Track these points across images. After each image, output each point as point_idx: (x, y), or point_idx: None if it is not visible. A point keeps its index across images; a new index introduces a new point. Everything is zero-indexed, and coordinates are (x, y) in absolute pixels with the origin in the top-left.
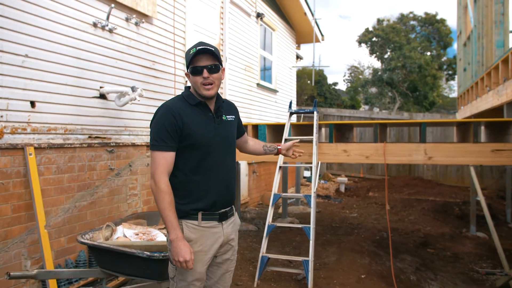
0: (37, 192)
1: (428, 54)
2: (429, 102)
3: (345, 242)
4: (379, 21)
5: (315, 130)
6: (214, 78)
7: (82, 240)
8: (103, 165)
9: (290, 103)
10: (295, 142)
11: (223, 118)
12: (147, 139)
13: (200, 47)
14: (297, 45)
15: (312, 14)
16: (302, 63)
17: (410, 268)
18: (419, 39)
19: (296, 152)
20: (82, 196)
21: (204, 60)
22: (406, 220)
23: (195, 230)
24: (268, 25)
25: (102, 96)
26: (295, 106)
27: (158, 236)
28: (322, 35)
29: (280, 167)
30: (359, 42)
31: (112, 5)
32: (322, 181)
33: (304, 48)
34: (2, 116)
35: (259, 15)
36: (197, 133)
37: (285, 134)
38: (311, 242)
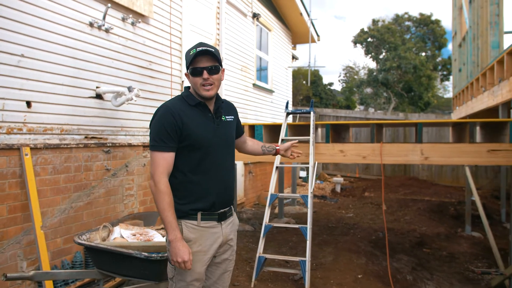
0: (33, 192)
1: (423, 54)
2: (424, 103)
3: (341, 242)
4: (374, 21)
5: (311, 131)
6: (214, 79)
7: (79, 241)
8: (99, 165)
9: (287, 103)
10: (293, 143)
11: (223, 118)
12: (143, 139)
13: (200, 48)
14: (293, 45)
15: (308, 15)
16: (298, 64)
17: (406, 268)
18: (414, 39)
19: (295, 153)
20: (78, 197)
21: (204, 61)
22: (402, 220)
23: (195, 230)
24: (264, 25)
25: (99, 96)
26: (290, 107)
27: (155, 236)
28: (318, 35)
29: (277, 168)
30: (354, 43)
31: (109, 4)
32: (318, 181)
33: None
34: None
35: (255, 15)
36: (196, 133)
37: (281, 135)
38: (308, 242)
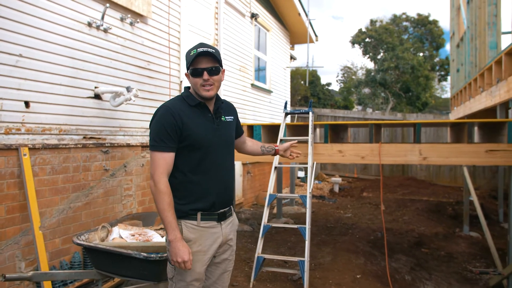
0: (31, 193)
1: (421, 55)
2: (421, 103)
3: (340, 242)
4: (372, 22)
5: (310, 131)
6: (214, 80)
7: (78, 241)
8: (98, 165)
9: (286, 103)
10: (293, 143)
11: (222, 119)
12: (142, 139)
13: (201, 49)
14: (291, 45)
15: (306, 15)
16: (296, 64)
17: (405, 268)
18: (411, 40)
19: (294, 153)
20: (76, 197)
21: (204, 62)
22: (400, 220)
23: (194, 230)
24: (263, 25)
25: (97, 96)
26: (289, 107)
27: (154, 237)
28: (316, 35)
29: (275, 168)
30: (352, 43)
31: (107, 4)
32: (316, 181)
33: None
34: None
35: (253, 16)
36: (196, 133)
37: (280, 135)
38: (306, 242)
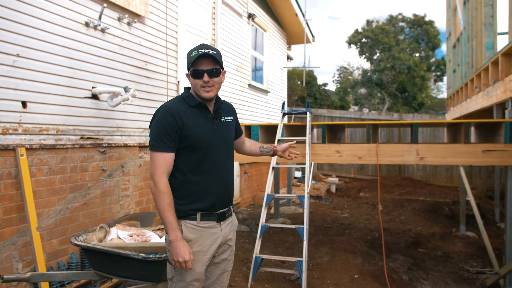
0: (28, 193)
1: (417, 55)
2: (417, 103)
3: (337, 242)
4: (368, 22)
5: (308, 131)
6: (214, 81)
7: (76, 242)
8: (95, 166)
9: (283, 104)
10: (291, 144)
11: (222, 119)
12: (139, 139)
13: (202, 51)
14: (288, 45)
15: (303, 15)
16: (292, 64)
17: (402, 267)
18: (407, 40)
19: (292, 154)
20: (74, 198)
21: (205, 64)
22: (397, 220)
23: (194, 230)
24: (260, 25)
25: (94, 97)
26: (286, 107)
27: (152, 237)
28: (313, 36)
29: (273, 168)
30: (349, 43)
31: (105, 4)
32: (313, 181)
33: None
34: None
35: (250, 16)
36: (196, 134)
37: (278, 135)
38: (304, 242)
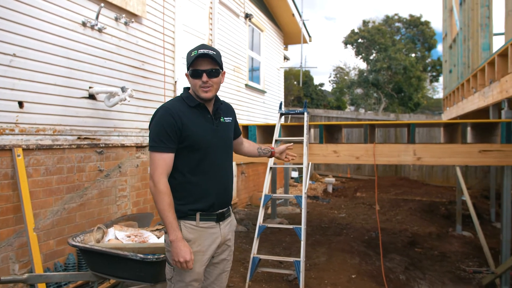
0: (25, 194)
1: (413, 55)
2: (413, 103)
3: (334, 242)
4: (365, 22)
5: (305, 131)
6: (213, 82)
7: (73, 243)
8: (92, 166)
9: (281, 104)
10: (289, 146)
11: (221, 120)
12: (136, 140)
13: (201, 51)
14: (284, 46)
15: (300, 15)
16: (289, 64)
17: (399, 267)
18: (404, 40)
19: (289, 156)
20: (71, 198)
21: (204, 64)
22: (394, 220)
23: (193, 231)
24: (257, 25)
25: (92, 97)
26: (283, 107)
27: (150, 238)
28: (310, 36)
29: (270, 168)
30: (345, 43)
31: (102, 4)
32: (310, 181)
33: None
34: None
35: (247, 16)
36: (196, 134)
37: (275, 135)
38: (302, 242)
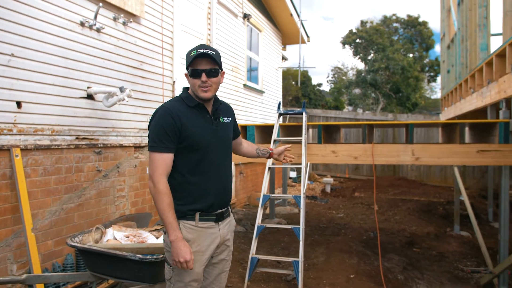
0: (23, 194)
1: (411, 56)
2: (411, 103)
3: (333, 242)
4: (363, 22)
5: (304, 131)
6: (212, 82)
7: (72, 243)
8: (90, 166)
9: (279, 104)
10: (287, 147)
11: (221, 120)
12: (135, 140)
13: (201, 50)
14: (283, 46)
15: (298, 15)
16: (287, 64)
17: (397, 267)
18: (401, 41)
19: (287, 157)
20: (69, 198)
21: (204, 63)
22: (392, 220)
23: (192, 231)
24: (255, 26)
25: (90, 97)
26: (281, 108)
27: (149, 238)
28: (308, 36)
29: (269, 168)
30: (343, 44)
31: (100, 4)
32: (308, 181)
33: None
34: None
35: (246, 16)
36: (195, 134)
37: (274, 135)
38: (301, 242)
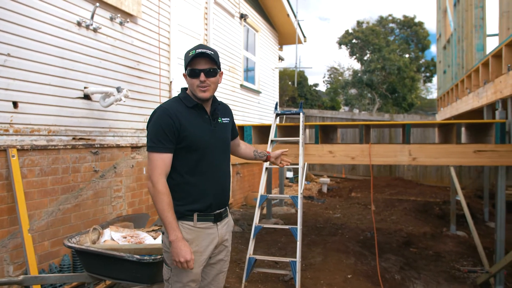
0: (20, 195)
1: (407, 56)
2: (407, 104)
3: (330, 242)
4: (359, 23)
5: (301, 132)
6: (210, 81)
7: (69, 244)
8: (87, 167)
9: (276, 104)
10: (284, 151)
11: (219, 120)
12: (132, 140)
13: (199, 50)
14: (279, 46)
15: (295, 16)
16: (284, 64)
17: (394, 267)
18: (397, 41)
19: (284, 161)
20: (66, 199)
21: (202, 63)
22: (389, 220)
23: (191, 231)
24: (252, 26)
25: (87, 97)
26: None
27: (146, 239)
28: (304, 36)
29: (266, 169)
30: (339, 44)
31: (97, 4)
32: (305, 181)
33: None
34: None
35: (242, 16)
36: (194, 135)
37: (271, 136)
38: (298, 243)
